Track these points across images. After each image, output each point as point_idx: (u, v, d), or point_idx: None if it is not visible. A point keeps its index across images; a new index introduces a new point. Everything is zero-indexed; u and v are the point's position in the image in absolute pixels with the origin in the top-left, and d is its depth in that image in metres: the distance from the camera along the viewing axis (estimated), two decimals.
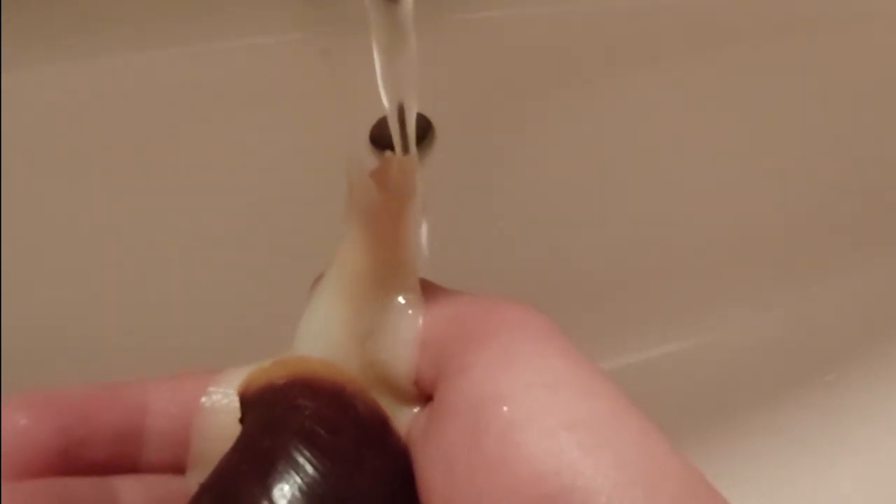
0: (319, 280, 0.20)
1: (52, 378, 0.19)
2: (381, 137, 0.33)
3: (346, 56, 0.25)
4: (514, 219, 0.37)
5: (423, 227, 0.27)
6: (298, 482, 0.16)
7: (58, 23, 0.29)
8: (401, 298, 0.19)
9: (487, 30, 0.32)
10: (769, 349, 0.41)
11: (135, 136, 0.31)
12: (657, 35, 0.34)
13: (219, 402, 0.19)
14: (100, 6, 0.29)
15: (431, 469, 0.17)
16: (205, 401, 0.19)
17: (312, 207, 0.30)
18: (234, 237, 0.34)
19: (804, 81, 0.37)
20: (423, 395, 0.18)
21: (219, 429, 0.18)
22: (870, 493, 0.37)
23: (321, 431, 0.17)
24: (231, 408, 0.18)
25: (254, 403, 0.18)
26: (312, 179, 0.31)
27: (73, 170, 0.31)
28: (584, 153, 0.36)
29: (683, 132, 0.37)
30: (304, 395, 0.17)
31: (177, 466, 0.19)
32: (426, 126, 0.33)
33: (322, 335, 0.19)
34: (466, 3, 0.31)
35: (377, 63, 0.22)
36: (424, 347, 0.18)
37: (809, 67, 0.36)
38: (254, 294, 0.35)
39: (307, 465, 0.16)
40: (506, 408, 0.15)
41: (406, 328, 0.19)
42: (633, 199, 0.39)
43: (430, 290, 0.20)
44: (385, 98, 0.23)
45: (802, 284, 0.42)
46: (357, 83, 0.24)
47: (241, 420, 0.18)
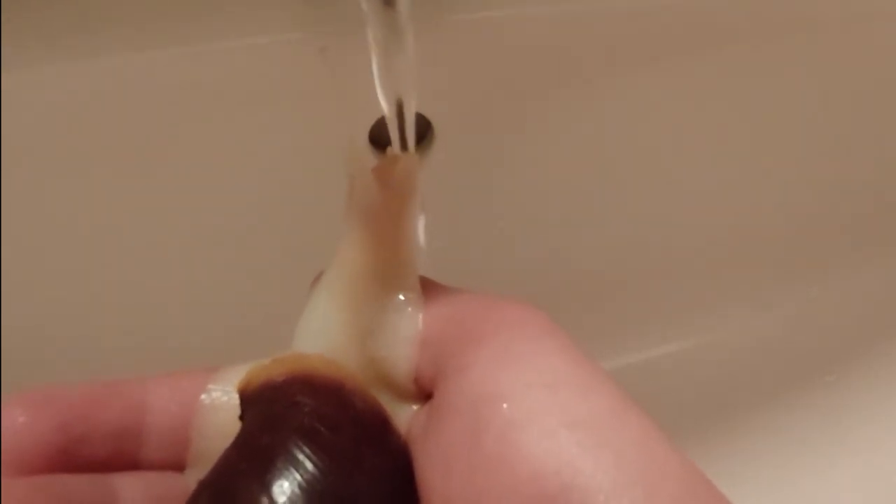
0: (319, 279, 0.20)
1: (52, 378, 0.19)
2: (381, 137, 0.33)
3: (346, 56, 0.25)
4: (514, 219, 0.37)
5: (421, 225, 0.27)
6: (298, 479, 0.16)
7: (58, 23, 0.29)
8: (401, 297, 0.19)
9: (487, 30, 0.32)
10: (769, 349, 0.41)
11: (135, 136, 0.31)
12: (657, 35, 0.34)
13: (218, 400, 0.19)
14: (100, 6, 0.29)
15: (431, 467, 0.17)
16: (204, 398, 0.19)
17: (312, 207, 0.30)
18: (234, 237, 0.34)
19: (804, 81, 0.37)
20: (423, 393, 0.18)
21: (218, 426, 0.18)
22: (870, 493, 0.37)
23: (321, 428, 0.17)
24: (231, 405, 0.18)
25: (253, 401, 0.18)
26: (312, 179, 0.31)
27: (73, 170, 0.31)
28: (584, 153, 0.36)
29: (683, 132, 0.37)
30: (304, 393, 0.17)
31: (176, 464, 0.19)
32: (426, 126, 0.33)
33: (322, 333, 0.19)
34: (466, 3, 0.31)
35: (374, 64, 0.22)
36: (424, 345, 0.18)
37: (809, 67, 0.36)
38: (253, 293, 0.35)
39: (307, 462, 0.16)
40: (505, 406, 0.15)
41: (406, 326, 0.19)
42: (633, 199, 0.38)
43: (430, 289, 0.20)
44: (383, 98, 0.23)
45: (802, 285, 0.42)
46: (356, 83, 0.24)
47: (241, 417, 0.18)
